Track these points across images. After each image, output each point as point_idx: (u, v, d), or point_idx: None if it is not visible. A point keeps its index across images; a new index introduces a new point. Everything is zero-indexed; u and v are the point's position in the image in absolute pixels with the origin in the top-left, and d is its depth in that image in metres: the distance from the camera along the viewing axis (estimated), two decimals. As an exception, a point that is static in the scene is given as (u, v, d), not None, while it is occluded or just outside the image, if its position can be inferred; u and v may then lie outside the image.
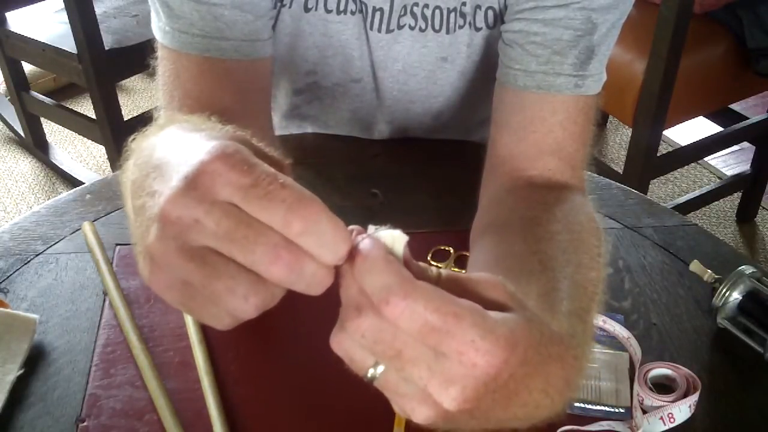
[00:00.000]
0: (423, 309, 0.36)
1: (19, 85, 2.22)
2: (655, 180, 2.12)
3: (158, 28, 0.69)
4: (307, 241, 0.36)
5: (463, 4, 0.74)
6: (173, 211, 0.37)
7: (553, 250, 0.58)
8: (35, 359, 0.65)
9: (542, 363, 0.41)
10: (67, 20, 1.84)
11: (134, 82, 2.77)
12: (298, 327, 0.69)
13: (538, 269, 0.56)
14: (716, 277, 0.71)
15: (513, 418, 0.42)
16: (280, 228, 0.36)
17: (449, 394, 0.37)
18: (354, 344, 0.38)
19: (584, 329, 0.50)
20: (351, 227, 0.39)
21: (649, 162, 1.79)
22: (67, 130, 2.44)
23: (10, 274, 0.74)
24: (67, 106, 2.33)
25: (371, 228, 0.39)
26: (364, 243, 0.38)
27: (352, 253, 0.38)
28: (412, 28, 0.76)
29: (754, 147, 2.11)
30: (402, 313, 0.36)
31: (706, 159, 2.38)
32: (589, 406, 0.63)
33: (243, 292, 0.37)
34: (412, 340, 0.37)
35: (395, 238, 0.39)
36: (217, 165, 0.37)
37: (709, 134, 1.99)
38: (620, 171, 1.88)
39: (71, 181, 2.29)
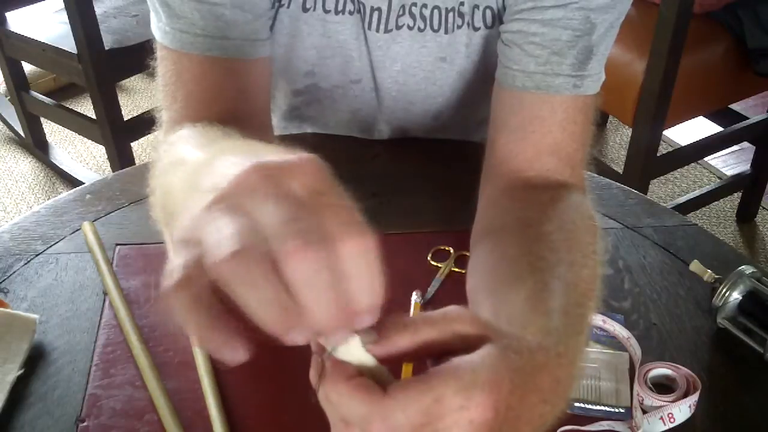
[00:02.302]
0: (406, 419, 0.37)
1: (19, 85, 2.22)
2: (655, 180, 2.11)
3: (158, 28, 0.69)
4: (348, 264, 0.35)
5: (461, 3, 0.74)
6: (248, 177, 0.36)
7: (544, 250, 0.58)
8: (35, 359, 0.65)
9: (530, 379, 0.42)
10: (67, 20, 1.84)
11: (134, 82, 2.77)
12: (298, 327, 0.69)
13: (527, 271, 0.56)
14: (716, 277, 0.71)
15: None
16: (330, 240, 0.35)
17: None
18: None
19: (567, 322, 0.50)
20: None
21: (649, 162, 1.79)
22: (67, 130, 2.44)
23: (10, 274, 0.74)
24: (67, 106, 2.33)
25: (325, 343, 0.39)
26: (330, 373, 0.38)
27: (322, 376, 0.39)
28: (410, 28, 0.76)
29: (754, 147, 2.11)
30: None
31: (706, 159, 2.38)
32: (589, 406, 0.63)
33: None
34: None
35: (352, 349, 0.39)
36: (306, 164, 0.36)
37: (709, 134, 1.99)
38: (620, 171, 1.88)
39: (71, 181, 2.29)
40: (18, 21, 2.10)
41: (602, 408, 0.63)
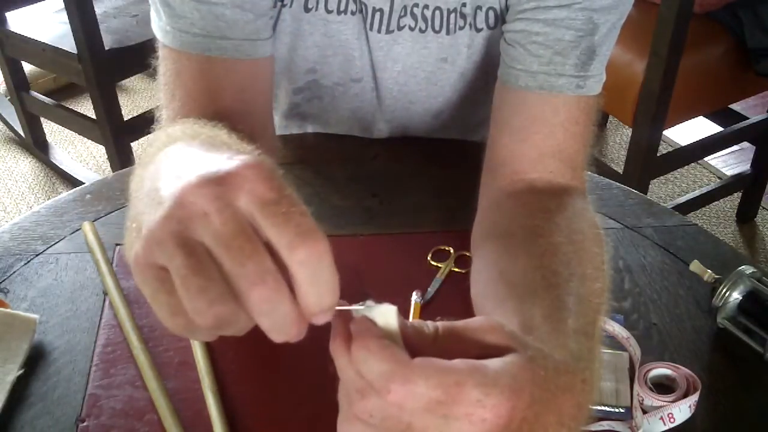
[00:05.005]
0: (425, 389, 0.37)
1: (19, 85, 2.22)
2: (655, 180, 2.11)
3: (159, 27, 0.69)
4: (303, 271, 0.37)
5: (464, 4, 0.74)
6: (190, 196, 0.38)
7: (556, 264, 0.58)
8: (35, 359, 0.65)
9: (552, 398, 0.41)
10: (67, 20, 1.84)
11: (134, 82, 2.77)
12: (298, 327, 0.69)
13: (542, 286, 0.56)
14: (716, 277, 0.71)
15: None
16: (284, 249, 0.36)
17: None
18: (363, 426, 0.39)
19: (591, 346, 0.50)
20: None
21: (649, 162, 1.79)
22: (67, 130, 2.44)
23: (10, 274, 0.74)
24: (67, 106, 2.33)
25: (358, 306, 0.39)
26: (358, 327, 0.38)
27: (346, 336, 0.38)
28: (412, 29, 0.76)
29: (754, 147, 2.11)
30: (405, 398, 0.37)
31: (706, 159, 2.38)
32: (589, 406, 0.63)
33: (212, 296, 0.37)
34: (419, 413, 0.38)
35: (386, 314, 0.39)
36: (250, 172, 0.38)
37: (709, 134, 1.99)
38: (620, 171, 1.88)
39: (71, 181, 2.29)
40: (18, 21, 2.10)
41: (602, 408, 0.63)
